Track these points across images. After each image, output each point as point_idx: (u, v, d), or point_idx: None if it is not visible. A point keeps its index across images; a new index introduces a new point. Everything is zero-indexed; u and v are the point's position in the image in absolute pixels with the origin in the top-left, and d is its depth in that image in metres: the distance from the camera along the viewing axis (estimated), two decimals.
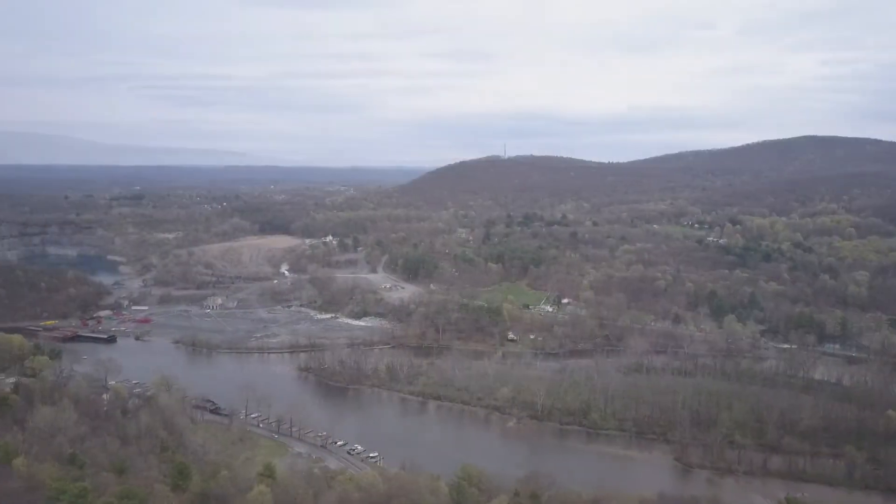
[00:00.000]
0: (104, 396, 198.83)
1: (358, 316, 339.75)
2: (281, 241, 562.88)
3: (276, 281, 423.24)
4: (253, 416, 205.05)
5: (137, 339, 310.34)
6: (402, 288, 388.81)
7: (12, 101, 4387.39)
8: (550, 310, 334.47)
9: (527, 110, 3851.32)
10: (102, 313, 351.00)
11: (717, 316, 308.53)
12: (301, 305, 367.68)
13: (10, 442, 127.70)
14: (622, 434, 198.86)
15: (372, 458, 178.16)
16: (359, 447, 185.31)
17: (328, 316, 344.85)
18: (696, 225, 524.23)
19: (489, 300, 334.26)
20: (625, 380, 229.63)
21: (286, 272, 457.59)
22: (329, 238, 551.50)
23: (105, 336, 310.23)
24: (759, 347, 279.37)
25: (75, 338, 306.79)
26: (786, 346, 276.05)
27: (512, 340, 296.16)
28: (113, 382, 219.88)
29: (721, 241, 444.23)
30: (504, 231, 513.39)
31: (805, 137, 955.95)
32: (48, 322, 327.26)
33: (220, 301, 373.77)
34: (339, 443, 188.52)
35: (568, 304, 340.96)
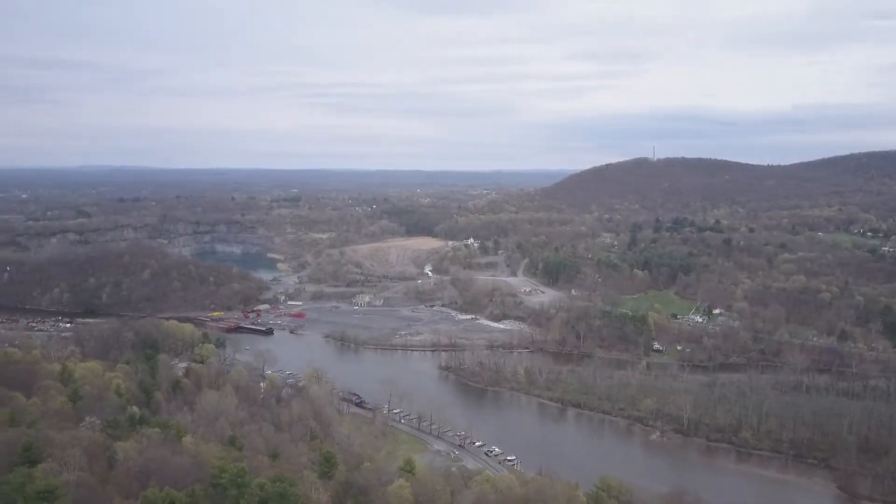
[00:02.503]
0: (261, 385, 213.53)
1: (497, 318, 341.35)
2: (425, 243, 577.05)
3: (419, 281, 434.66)
4: (395, 411, 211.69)
5: (292, 332, 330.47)
6: (542, 292, 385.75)
7: (187, 111, 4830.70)
8: (700, 320, 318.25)
9: (678, 111, 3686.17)
10: (262, 307, 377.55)
11: (891, 334, 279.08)
12: (443, 305, 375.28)
13: (180, 422, 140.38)
14: (777, 456, 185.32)
15: (509, 460, 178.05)
16: (496, 449, 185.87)
17: (468, 317, 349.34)
18: (870, 233, 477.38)
19: (634, 308, 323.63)
20: (781, 398, 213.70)
21: (429, 273, 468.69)
22: (470, 240, 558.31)
23: (263, 328, 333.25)
24: None
25: (237, 329, 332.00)
26: None
27: (657, 351, 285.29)
28: (269, 372, 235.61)
29: None
30: (651, 236, 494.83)
31: None
32: (215, 313, 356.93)
33: (367, 299, 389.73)
34: (477, 443, 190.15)
35: (719, 314, 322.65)
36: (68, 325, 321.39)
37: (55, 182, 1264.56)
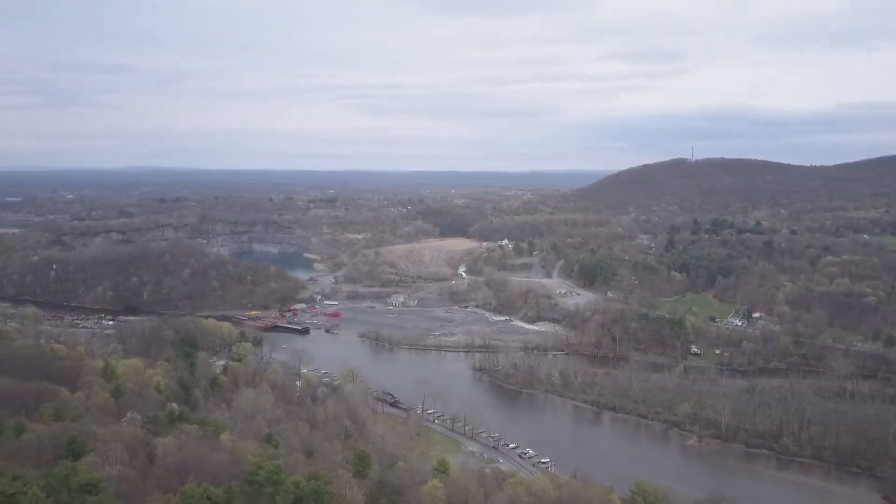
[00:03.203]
0: (297, 383, 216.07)
1: (532, 320, 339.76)
2: (459, 244, 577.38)
3: (453, 282, 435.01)
4: (429, 411, 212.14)
5: (327, 331, 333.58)
6: (578, 294, 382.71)
7: (224, 113, 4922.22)
8: (739, 324, 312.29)
9: (717, 111, 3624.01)
10: (298, 306, 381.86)
11: None
12: (476, 307, 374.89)
13: (218, 419, 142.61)
14: (819, 464, 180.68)
15: (543, 463, 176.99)
16: (530, 451, 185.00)
17: (502, 318, 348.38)
18: None
19: (671, 311, 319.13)
20: (824, 404, 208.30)
21: (463, 274, 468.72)
22: (505, 241, 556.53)
23: (300, 327, 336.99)
24: None
25: (274, 328, 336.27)
26: None
27: (695, 354, 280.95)
28: (305, 371, 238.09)
29: None
30: (689, 238, 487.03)
31: None
32: (252, 312, 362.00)
33: (402, 299, 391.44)
34: (510, 445, 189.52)
35: (759, 318, 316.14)
36: (111, 322, 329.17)
37: (100, 183, 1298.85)
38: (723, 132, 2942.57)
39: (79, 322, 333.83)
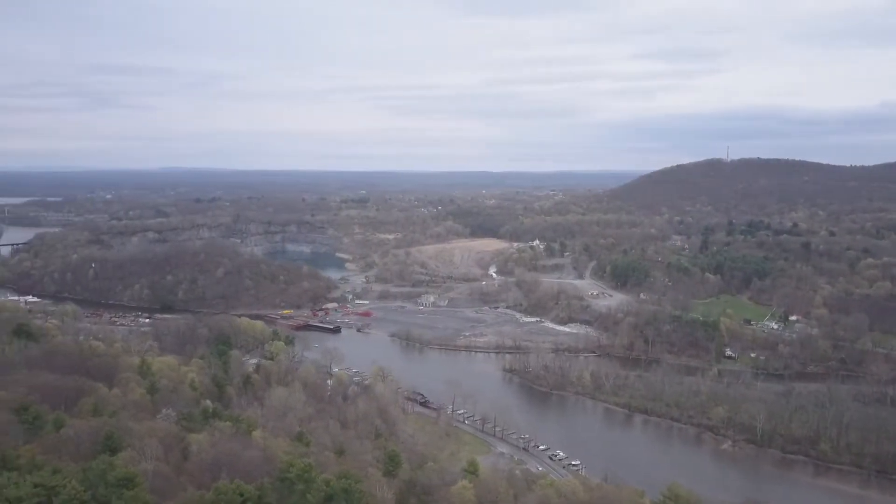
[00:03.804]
0: (328, 382, 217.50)
1: (563, 321, 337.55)
2: (490, 244, 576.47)
3: (484, 282, 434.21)
4: (459, 412, 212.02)
5: (358, 330, 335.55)
6: (610, 295, 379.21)
7: (256, 114, 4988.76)
8: (775, 327, 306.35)
9: (753, 110, 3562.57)
10: (330, 305, 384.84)
11: None
12: (507, 307, 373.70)
13: (251, 416, 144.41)
14: (858, 471, 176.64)
15: (574, 465, 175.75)
16: (560, 453, 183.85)
17: (533, 319, 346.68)
18: None
19: (705, 313, 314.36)
20: (864, 410, 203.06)
21: (494, 274, 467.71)
22: (536, 242, 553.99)
23: (331, 326, 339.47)
24: None
25: (306, 327, 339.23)
26: None
27: (729, 357, 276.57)
28: (336, 369, 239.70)
29: None
30: (724, 239, 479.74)
31: None
32: (285, 311, 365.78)
33: (432, 299, 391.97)
34: (540, 447, 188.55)
35: (796, 321, 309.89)
36: (147, 320, 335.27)
37: (137, 183, 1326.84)
38: (759, 132, 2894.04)
39: (116, 319, 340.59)
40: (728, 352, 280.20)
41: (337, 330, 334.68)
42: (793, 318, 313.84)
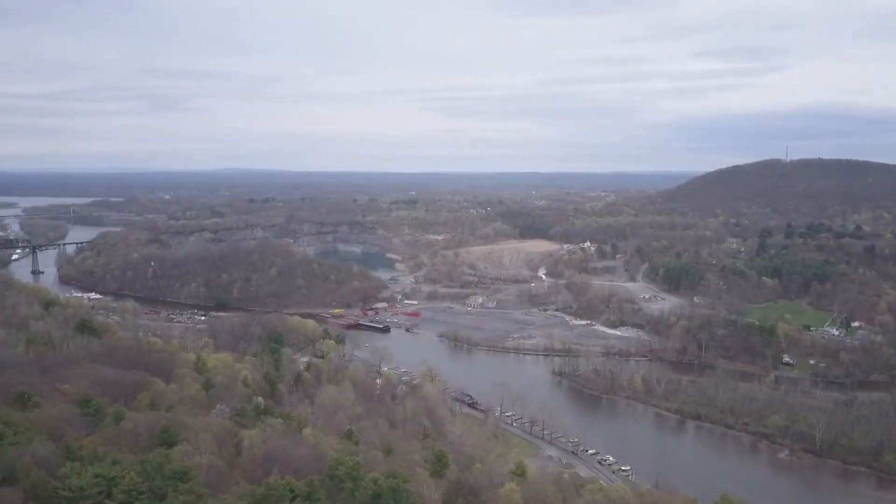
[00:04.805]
0: (377, 381, 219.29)
1: (614, 325, 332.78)
2: (539, 246, 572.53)
3: (533, 284, 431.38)
4: (507, 414, 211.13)
5: (407, 330, 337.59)
6: (663, 299, 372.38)
7: (313, 116, 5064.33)
8: (836, 333, 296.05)
9: (814, 109, 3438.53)
10: (379, 305, 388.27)
11: None
12: (556, 310, 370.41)
13: (302, 413, 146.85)
14: None
15: (623, 471, 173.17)
16: (610, 458, 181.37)
17: (583, 322, 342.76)
18: None
19: (761, 317, 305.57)
20: None
21: (543, 276, 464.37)
22: (587, 244, 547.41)
23: (381, 326, 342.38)
24: None
25: (356, 326, 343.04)
26: None
27: (787, 364, 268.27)
28: (385, 369, 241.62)
29: None
30: (782, 242, 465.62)
31: None
32: (335, 310, 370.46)
33: (480, 300, 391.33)
34: (590, 451, 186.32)
35: (859, 328, 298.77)
36: (203, 317, 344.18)
37: (194, 184, 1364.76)
38: (821, 132, 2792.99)
39: (173, 317, 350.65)
40: (786, 358, 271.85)
41: (386, 329, 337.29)
42: (855, 324, 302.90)
